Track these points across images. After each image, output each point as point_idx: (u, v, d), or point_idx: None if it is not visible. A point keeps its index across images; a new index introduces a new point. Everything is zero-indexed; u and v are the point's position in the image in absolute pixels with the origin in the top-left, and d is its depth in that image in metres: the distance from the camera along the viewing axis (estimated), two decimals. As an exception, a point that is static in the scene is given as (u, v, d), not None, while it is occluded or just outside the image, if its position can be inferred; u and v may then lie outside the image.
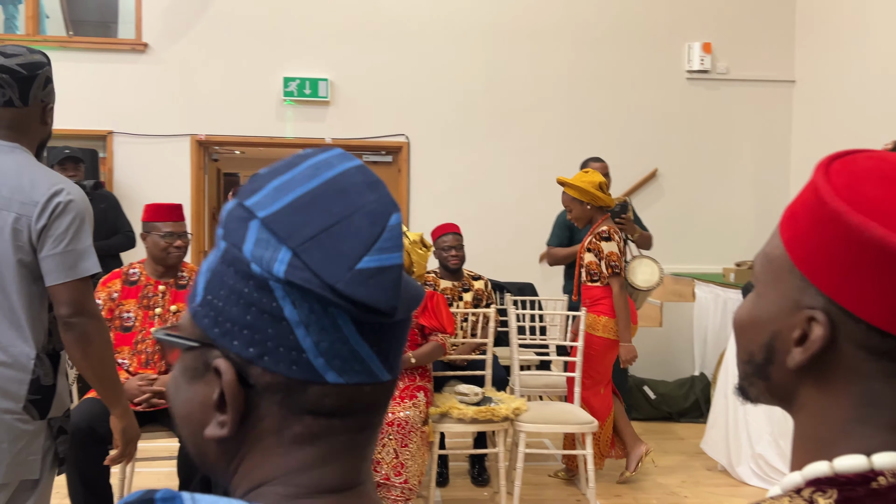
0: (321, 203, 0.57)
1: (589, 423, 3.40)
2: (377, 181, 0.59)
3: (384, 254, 0.55)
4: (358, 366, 0.56)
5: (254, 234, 0.56)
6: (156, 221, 3.12)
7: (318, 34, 5.40)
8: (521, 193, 5.49)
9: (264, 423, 0.57)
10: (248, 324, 0.56)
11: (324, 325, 0.55)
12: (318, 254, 0.55)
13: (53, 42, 5.31)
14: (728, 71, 5.60)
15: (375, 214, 0.57)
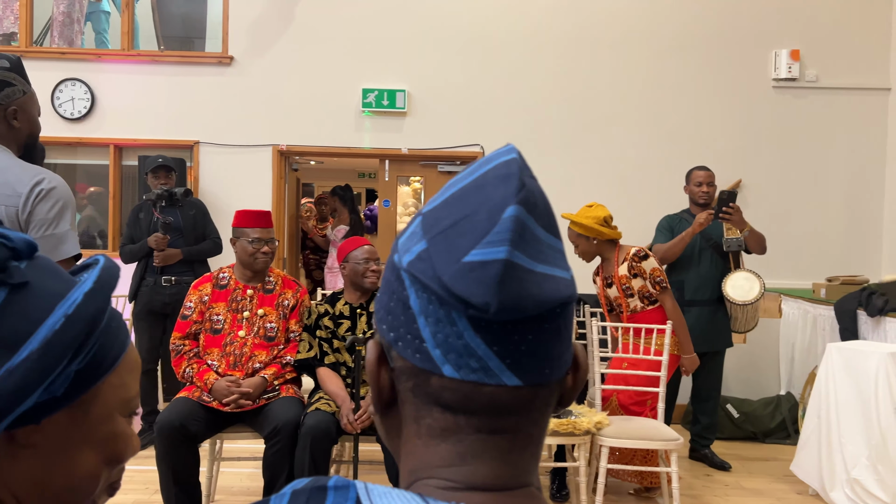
0: (464, 198, 0.58)
1: (674, 440, 3.29)
2: (512, 174, 0.57)
3: (490, 247, 0.54)
4: (475, 363, 0.55)
5: (413, 227, 0.60)
6: (245, 227, 3.21)
7: (396, 46, 5.47)
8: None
9: (405, 409, 0.60)
10: (390, 309, 0.59)
11: (439, 316, 0.55)
12: (442, 246, 0.56)
13: (146, 56, 5.55)
14: (818, 79, 5.39)
15: (495, 208, 0.55)
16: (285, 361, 3.20)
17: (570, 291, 0.57)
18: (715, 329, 4.18)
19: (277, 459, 2.95)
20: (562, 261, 0.59)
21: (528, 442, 0.59)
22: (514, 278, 0.54)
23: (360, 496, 0.55)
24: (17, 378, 0.59)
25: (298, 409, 3.06)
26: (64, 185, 1.83)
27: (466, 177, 0.60)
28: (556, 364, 0.58)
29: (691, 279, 4.17)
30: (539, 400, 0.58)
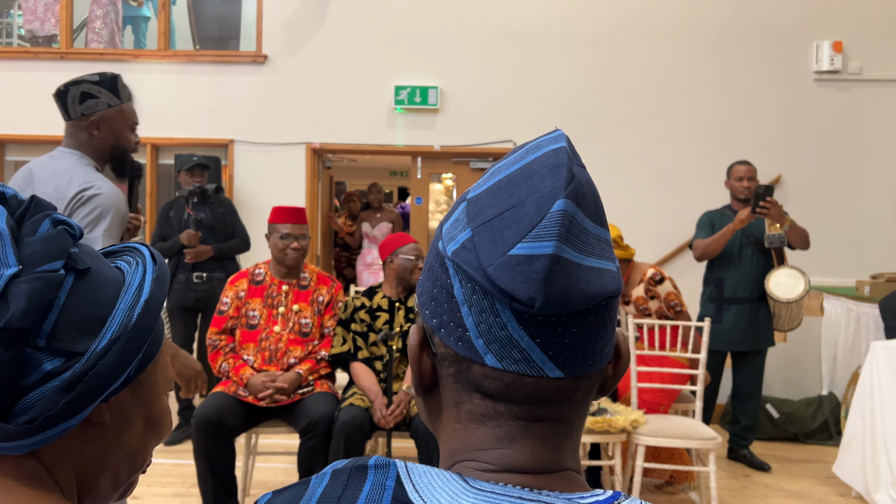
0: (510, 187, 0.57)
1: (712, 439, 3.23)
2: (561, 165, 0.56)
3: (537, 241, 0.53)
4: (517, 354, 0.55)
5: (457, 213, 0.59)
6: (276, 223, 3.23)
7: (429, 43, 5.47)
8: (635, 200, 5.33)
9: (446, 394, 0.60)
10: (434, 296, 0.59)
11: (483, 307, 0.55)
12: (488, 236, 0.55)
13: (182, 56, 5.62)
14: (861, 71, 5.24)
15: (543, 200, 0.54)
16: (320, 357, 3.21)
17: (617, 284, 0.57)
18: (756, 327, 4.09)
19: (312, 454, 2.96)
20: (609, 252, 0.58)
21: (569, 430, 0.59)
22: (560, 273, 0.53)
23: (401, 475, 0.56)
24: (112, 359, 0.62)
25: (332, 404, 3.07)
26: (111, 195, 1.88)
27: (513, 163, 0.59)
28: (600, 356, 0.58)
29: (731, 276, 4.10)
30: (581, 390, 0.58)
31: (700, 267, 4.55)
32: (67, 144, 1.99)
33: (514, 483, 0.56)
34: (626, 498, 0.57)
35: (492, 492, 0.54)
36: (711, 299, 4.15)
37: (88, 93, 1.97)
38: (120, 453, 0.66)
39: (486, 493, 0.54)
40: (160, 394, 0.70)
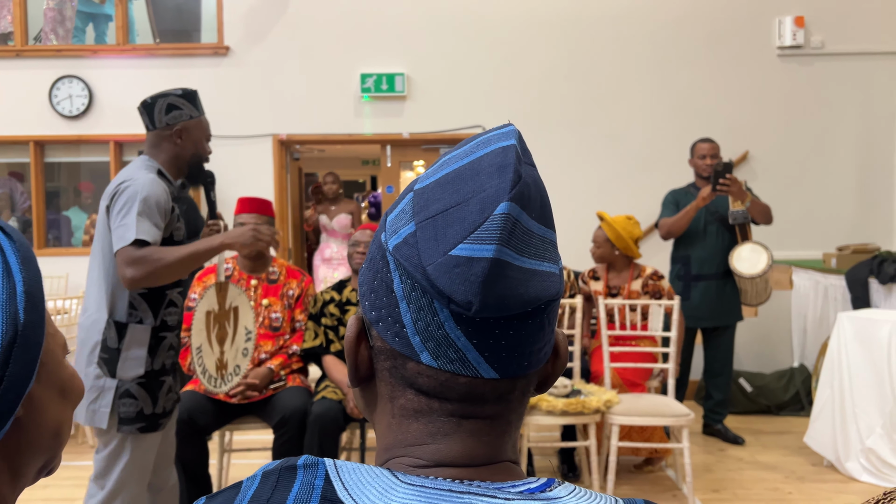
0: (457, 182, 0.56)
1: (685, 416, 3.26)
2: (508, 165, 0.55)
3: (478, 243, 0.52)
4: (453, 354, 0.55)
5: (403, 204, 0.59)
6: (239, 214, 3.19)
7: (393, 29, 5.41)
8: (604, 181, 5.35)
9: (381, 387, 0.60)
10: (374, 288, 0.58)
11: (422, 304, 0.54)
12: (430, 233, 0.54)
13: (142, 50, 5.52)
14: (823, 45, 5.29)
15: (487, 201, 0.54)
16: (291, 351, 3.19)
17: (557, 288, 0.57)
18: (723, 303, 4.14)
19: (287, 449, 2.94)
20: (552, 253, 0.58)
21: (505, 427, 0.59)
22: (499, 277, 0.53)
23: (330, 473, 0.56)
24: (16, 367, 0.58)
25: (306, 398, 3.05)
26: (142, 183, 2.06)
27: (462, 157, 0.59)
28: (537, 357, 0.58)
29: (697, 253, 4.14)
30: (517, 390, 0.59)
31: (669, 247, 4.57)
32: (148, 152, 2.19)
33: (445, 476, 0.56)
34: (559, 484, 0.58)
35: (422, 486, 0.54)
36: (679, 277, 4.19)
37: (174, 104, 2.16)
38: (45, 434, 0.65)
39: (416, 487, 0.54)
40: (61, 362, 0.66)
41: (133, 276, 2.00)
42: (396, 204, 0.60)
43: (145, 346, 2.13)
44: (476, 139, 0.60)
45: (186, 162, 2.22)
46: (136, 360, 2.11)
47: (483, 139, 0.59)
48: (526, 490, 0.56)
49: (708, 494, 3.46)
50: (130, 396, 2.11)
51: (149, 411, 2.14)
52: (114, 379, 2.10)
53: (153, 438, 2.18)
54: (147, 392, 2.14)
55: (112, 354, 2.10)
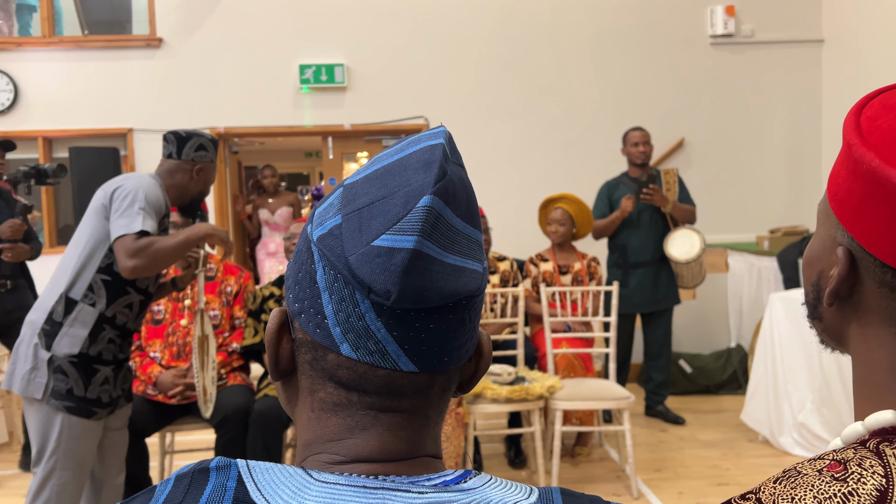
0: (385, 177, 0.57)
1: (626, 399, 3.34)
2: (434, 161, 0.56)
3: (400, 234, 0.53)
4: (372, 345, 0.55)
5: (332, 198, 0.59)
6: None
7: (332, 19, 5.35)
8: (546, 170, 5.41)
9: (302, 380, 0.60)
10: (298, 280, 0.59)
11: (343, 296, 0.55)
12: (355, 224, 0.55)
13: (70, 42, 5.32)
14: (753, 33, 5.44)
15: (411, 194, 0.55)
16: (231, 349, 3.14)
17: (478, 284, 0.58)
18: (660, 288, 4.26)
19: (229, 448, 2.90)
20: (477, 252, 0.59)
21: (424, 422, 0.60)
22: (420, 268, 0.53)
23: (243, 474, 0.56)
24: None
25: (247, 395, 3.01)
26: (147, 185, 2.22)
27: (392, 154, 0.59)
28: (457, 353, 0.59)
29: (633, 242, 4.23)
30: (437, 386, 0.59)
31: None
32: (160, 174, 2.36)
33: (360, 472, 0.56)
34: (475, 475, 0.59)
35: (335, 483, 0.55)
36: (617, 265, 4.28)
37: (203, 146, 2.39)
38: None
39: (329, 485, 0.54)
40: None
41: (136, 265, 2.11)
42: (326, 198, 0.61)
43: (88, 327, 2.20)
44: (408, 138, 0.61)
45: (191, 196, 2.41)
46: (74, 339, 2.18)
47: (414, 138, 0.60)
48: (441, 483, 0.56)
49: (650, 474, 3.56)
50: (62, 373, 2.17)
51: (79, 393, 2.18)
52: (48, 352, 2.16)
53: (86, 426, 2.20)
54: (78, 373, 2.18)
55: (54, 327, 2.18)
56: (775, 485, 0.54)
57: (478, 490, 0.57)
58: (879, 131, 0.56)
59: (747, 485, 3.40)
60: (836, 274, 0.59)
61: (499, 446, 4.02)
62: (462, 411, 3.19)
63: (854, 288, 0.59)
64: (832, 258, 0.61)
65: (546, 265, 4.02)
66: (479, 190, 5.32)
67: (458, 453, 3.12)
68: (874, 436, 0.55)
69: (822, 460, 0.55)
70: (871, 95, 0.61)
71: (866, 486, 0.51)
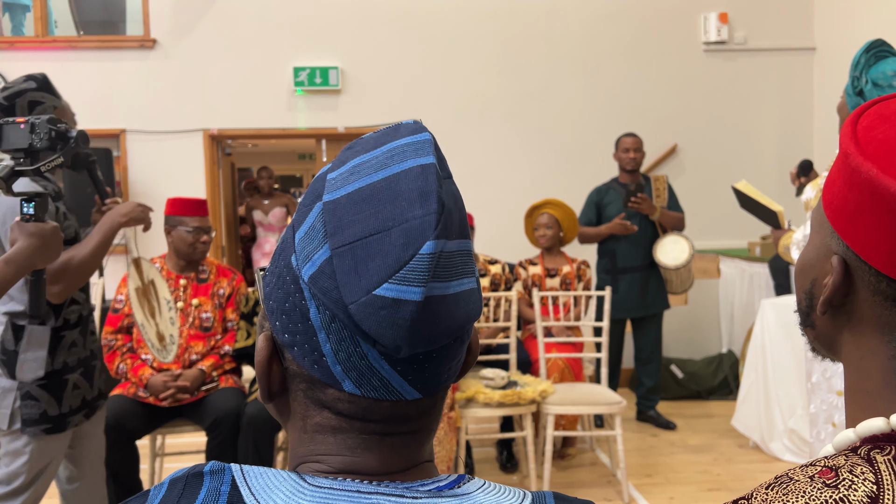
0: (374, 203, 0.53)
1: (617, 403, 3.35)
2: (431, 192, 0.53)
3: (405, 285, 0.50)
4: (376, 381, 0.54)
5: (311, 219, 0.55)
6: (183, 216, 3.10)
7: (327, 22, 5.35)
8: (537, 175, 5.42)
9: (294, 406, 0.59)
10: (285, 310, 0.56)
11: (342, 336, 0.53)
12: (349, 263, 0.52)
13: (63, 43, 5.30)
14: (746, 41, 5.48)
15: (411, 235, 0.51)
16: (223, 352, 3.13)
17: (479, 307, 0.57)
18: (650, 293, 4.27)
19: (221, 451, 2.89)
20: (470, 263, 0.57)
21: (426, 436, 0.60)
22: (427, 315, 0.51)
23: (237, 479, 0.56)
24: None
25: (239, 398, 3.00)
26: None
27: (377, 168, 0.55)
28: (456, 367, 0.58)
29: (622, 247, 4.25)
30: (439, 402, 0.59)
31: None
32: None
33: (354, 479, 0.56)
34: (469, 479, 0.59)
35: (329, 488, 0.54)
36: (606, 270, 4.29)
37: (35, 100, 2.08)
38: None
39: (323, 489, 0.54)
40: None
41: (61, 289, 1.98)
42: (304, 216, 0.56)
43: (45, 346, 2.07)
44: (388, 145, 0.57)
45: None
46: (36, 362, 2.07)
47: (396, 149, 0.56)
48: (435, 488, 0.56)
49: (641, 479, 3.56)
50: (32, 398, 2.06)
51: (54, 413, 2.08)
52: (13, 381, 2.04)
53: (60, 439, 2.12)
54: (50, 393, 2.08)
55: (10, 356, 2.05)
56: (767, 491, 0.55)
57: (471, 495, 0.57)
58: (876, 141, 0.57)
59: (738, 490, 3.41)
60: (830, 282, 0.59)
61: (491, 450, 4.02)
62: (454, 415, 3.19)
63: (847, 297, 0.60)
64: (826, 266, 0.61)
65: (535, 268, 4.05)
66: (470, 194, 5.33)
67: (450, 457, 3.12)
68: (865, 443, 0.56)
69: (814, 467, 0.55)
70: (866, 105, 0.61)
71: (857, 493, 0.51)
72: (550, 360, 3.73)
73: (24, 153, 1.78)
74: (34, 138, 1.79)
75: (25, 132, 1.77)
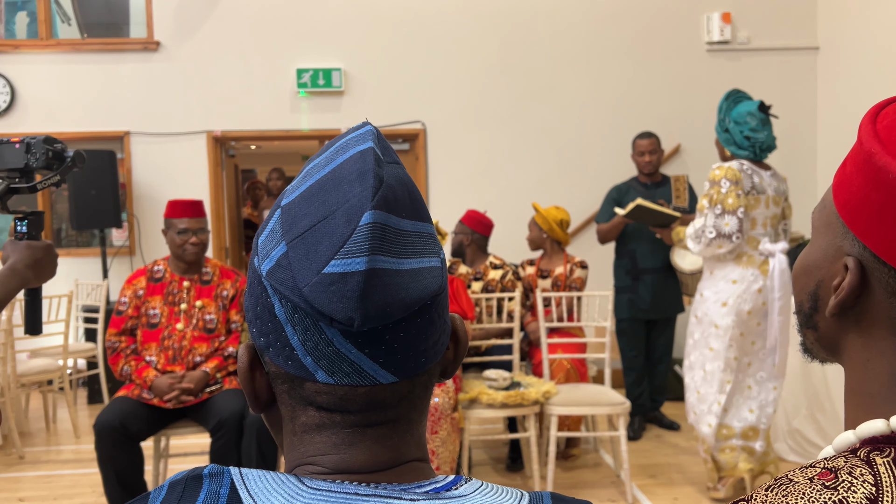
0: (321, 194, 0.56)
1: (621, 404, 3.34)
2: (367, 171, 0.55)
3: (349, 258, 0.52)
4: (347, 367, 0.55)
5: (272, 223, 0.58)
6: (172, 218, 3.11)
7: (329, 23, 5.36)
8: (541, 175, 5.42)
9: (283, 410, 0.60)
10: (257, 314, 0.57)
11: (307, 325, 0.54)
12: (302, 252, 0.54)
13: (67, 45, 5.32)
14: (749, 41, 5.47)
15: (352, 211, 0.53)
16: (227, 353, 3.13)
17: (438, 283, 0.57)
18: (666, 296, 4.24)
19: (224, 452, 2.90)
20: (431, 245, 0.58)
21: (408, 426, 0.59)
22: (377, 287, 0.52)
23: (235, 482, 0.56)
24: None
25: (243, 400, 3.00)
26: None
27: (324, 166, 0.58)
28: (432, 351, 0.58)
29: (642, 248, 4.22)
30: (418, 387, 0.59)
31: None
32: None
33: (352, 481, 0.56)
34: (467, 481, 0.59)
35: (328, 490, 0.55)
36: (627, 271, 4.27)
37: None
38: None
39: (321, 492, 0.55)
40: None
41: None
42: (266, 223, 0.59)
43: None
44: (335, 143, 0.60)
45: None
46: None
47: (341, 144, 0.59)
48: (432, 490, 0.57)
49: (645, 480, 3.56)
50: None
51: None
52: None
53: None
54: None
55: None
56: (767, 492, 0.55)
57: (469, 497, 0.57)
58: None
59: (742, 490, 3.41)
60: (845, 284, 0.58)
61: (494, 451, 4.02)
62: (458, 416, 3.19)
63: (859, 298, 0.59)
64: (834, 268, 0.60)
65: (530, 269, 4.07)
66: (474, 194, 5.33)
67: (453, 458, 3.12)
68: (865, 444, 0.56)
69: (814, 468, 0.55)
70: (883, 103, 0.61)
71: (856, 495, 0.51)
72: (555, 362, 3.73)
73: (20, 172, 1.74)
74: (30, 158, 1.74)
75: (21, 152, 1.73)
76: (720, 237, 3.01)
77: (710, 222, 3.02)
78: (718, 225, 3.00)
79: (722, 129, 3.16)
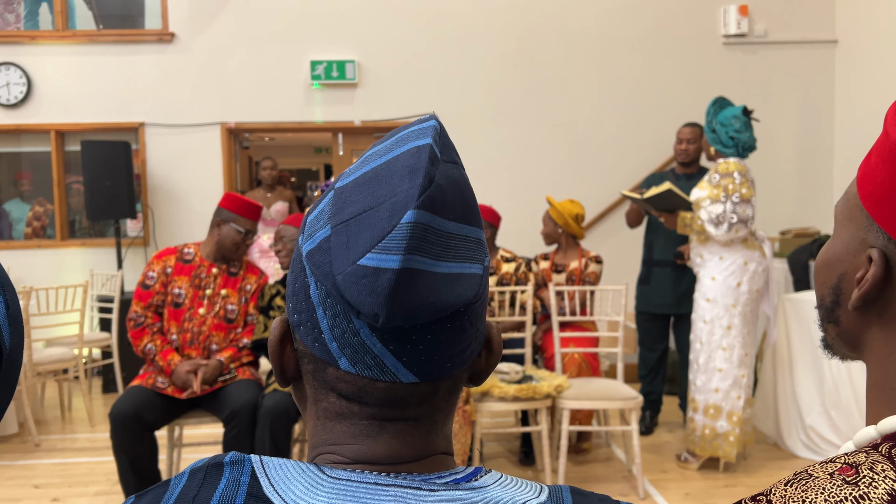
0: (373, 184, 0.55)
1: (633, 399, 3.34)
2: (420, 168, 0.54)
3: (385, 253, 0.52)
4: (370, 360, 0.55)
5: (323, 203, 0.58)
6: (238, 215, 3.13)
7: (343, 15, 5.36)
8: (555, 168, 5.40)
9: (308, 390, 0.60)
10: (295, 291, 0.58)
11: (336, 311, 0.54)
12: (343, 239, 0.54)
13: (83, 37, 5.35)
14: (766, 34, 5.41)
15: (396, 207, 0.53)
16: (241, 344, 3.15)
17: (476, 291, 0.56)
18: (679, 291, 4.16)
19: (237, 442, 2.92)
20: (476, 252, 0.57)
21: (431, 426, 0.59)
22: (408, 287, 0.52)
23: (256, 470, 0.56)
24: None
25: (256, 390, 3.02)
26: None
27: (382, 154, 0.57)
28: (460, 358, 0.58)
29: (658, 240, 4.17)
30: (441, 391, 0.58)
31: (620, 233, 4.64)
32: None
33: (371, 471, 0.56)
34: (486, 472, 0.59)
35: (347, 479, 0.55)
36: (644, 261, 4.24)
37: None
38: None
39: (341, 481, 0.55)
40: None
41: None
42: (318, 203, 0.59)
43: None
44: (398, 133, 0.59)
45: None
46: None
47: (402, 135, 0.58)
48: (452, 480, 0.57)
49: (657, 475, 3.55)
50: None
51: None
52: None
53: None
54: None
55: None
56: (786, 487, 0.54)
57: (488, 488, 0.57)
58: None
59: (754, 486, 3.39)
60: (869, 276, 0.57)
61: (505, 444, 4.02)
62: (469, 409, 3.20)
63: (882, 291, 0.58)
64: (858, 260, 0.59)
65: (544, 264, 4.05)
66: (487, 188, 5.32)
67: (464, 451, 3.13)
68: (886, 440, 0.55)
69: (834, 463, 0.55)
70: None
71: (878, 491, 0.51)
72: (567, 356, 3.72)
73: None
74: None
75: None
76: (740, 222, 3.31)
77: (730, 209, 3.31)
78: (738, 212, 3.30)
79: (709, 130, 3.50)
